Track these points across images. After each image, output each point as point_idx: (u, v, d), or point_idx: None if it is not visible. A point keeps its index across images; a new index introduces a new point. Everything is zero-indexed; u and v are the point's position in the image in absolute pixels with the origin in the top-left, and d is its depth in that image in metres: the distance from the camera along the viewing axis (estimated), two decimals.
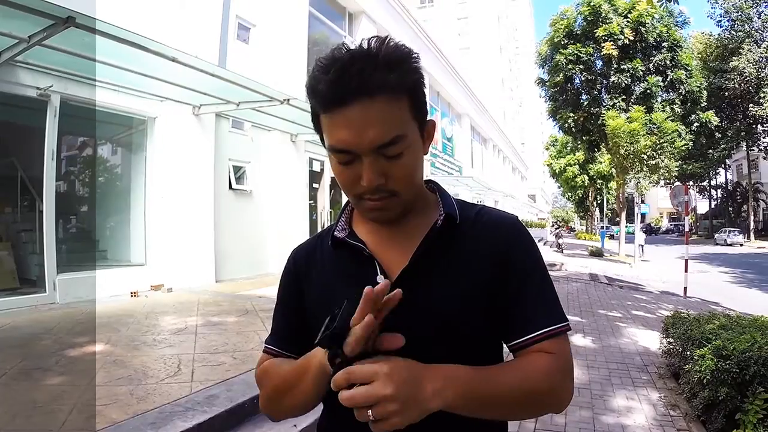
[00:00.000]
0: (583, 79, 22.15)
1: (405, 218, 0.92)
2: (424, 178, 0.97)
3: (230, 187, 9.75)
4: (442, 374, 0.77)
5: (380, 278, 0.88)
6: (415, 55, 0.84)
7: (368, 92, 0.77)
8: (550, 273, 0.99)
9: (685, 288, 10.77)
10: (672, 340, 4.76)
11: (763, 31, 34.20)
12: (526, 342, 0.87)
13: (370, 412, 0.70)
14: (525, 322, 0.88)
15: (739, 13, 34.70)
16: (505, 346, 0.94)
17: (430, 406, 0.74)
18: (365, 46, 0.80)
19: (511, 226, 0.93)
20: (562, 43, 21.99)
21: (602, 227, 39.32)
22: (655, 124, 19.87)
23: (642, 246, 22.94)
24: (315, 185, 12.71)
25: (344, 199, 0.96)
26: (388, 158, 0.81)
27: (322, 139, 0.87)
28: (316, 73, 0.80)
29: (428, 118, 0.90)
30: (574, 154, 41.79)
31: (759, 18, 34.31)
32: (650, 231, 43.12)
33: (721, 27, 36.89)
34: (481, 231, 0.92)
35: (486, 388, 0.79)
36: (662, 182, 25.64)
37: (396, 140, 0.80)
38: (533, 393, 0.83)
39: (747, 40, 33.90)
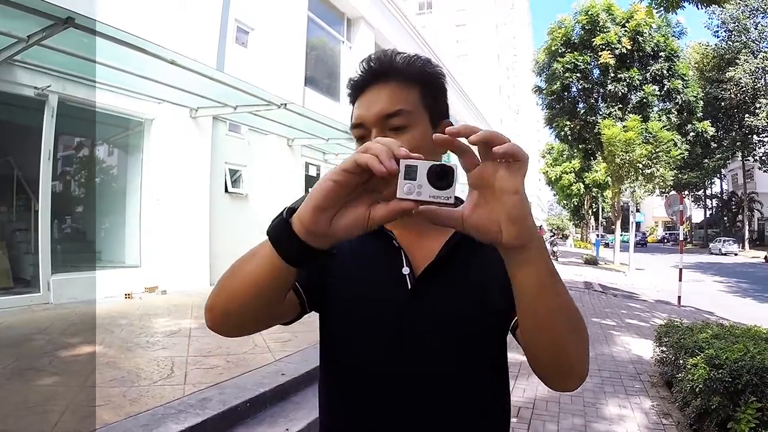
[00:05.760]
0: (579, 87, 22.27)
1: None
2: None
3: (226, 190, 9.74)
4: None
5: (405, 270, 0.91)
6: (440, 69, 0.97)
7: (384, 76, 0.90)
8: None
9: (679, 297, 10.79)
10: (665, 349, 4.79)
11: (760, 42, 34.52)
12: None
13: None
14: None
15: (736, 23, 35.00)
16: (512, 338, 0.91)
17: (530, 222, 0.66)
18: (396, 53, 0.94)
19: None
20: (560, 51, 22.07)
21: (597, 236, 39.32)
22: (651, 134, 19.92)
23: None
24: (310, 190, 12.65)
25: None
26: (393, 130, 0.89)
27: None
28: (354, 73, 0.94)
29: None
30: (570, 162, 41.85)
31: (756, 29, 34.63)
32: (642, 243, 43.71)
33: (718, 37, 37.30)
34: None
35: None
36: (657, 191, 25.71)
37: (400, 112, 0.89)
38: (575, 309, 0.75)
39: (743, 50, 34.20)
